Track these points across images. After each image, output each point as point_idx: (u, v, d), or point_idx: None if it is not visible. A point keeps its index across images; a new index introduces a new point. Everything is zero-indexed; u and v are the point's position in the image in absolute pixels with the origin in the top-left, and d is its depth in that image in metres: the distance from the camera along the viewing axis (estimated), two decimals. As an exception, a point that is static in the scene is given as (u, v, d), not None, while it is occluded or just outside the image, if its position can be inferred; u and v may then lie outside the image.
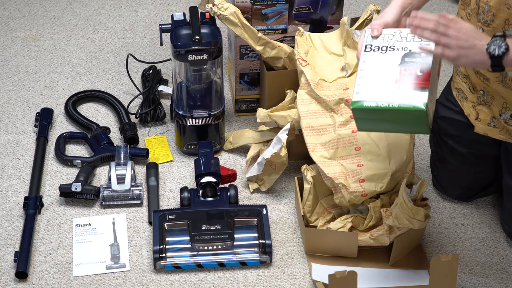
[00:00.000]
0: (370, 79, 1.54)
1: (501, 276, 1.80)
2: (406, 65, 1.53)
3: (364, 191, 1.77)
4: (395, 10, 1.65)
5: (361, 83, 1.54)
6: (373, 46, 1.58)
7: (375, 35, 1.59)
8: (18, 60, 2.47)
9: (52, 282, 1.76)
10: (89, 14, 2.71)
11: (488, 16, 1.62)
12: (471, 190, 1.97)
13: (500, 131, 1.78)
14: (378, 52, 1.57)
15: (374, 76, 1.54)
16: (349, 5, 2.75)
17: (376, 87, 1.53)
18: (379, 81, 1.53)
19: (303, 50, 1.94)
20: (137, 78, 2.38)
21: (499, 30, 1.61)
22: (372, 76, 1.55)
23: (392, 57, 1.56)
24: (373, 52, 1.57)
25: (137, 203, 1.96)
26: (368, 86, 1.53)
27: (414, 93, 1.50)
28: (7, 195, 1.98)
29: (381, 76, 1.54)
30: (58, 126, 2.21)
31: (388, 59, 1.55)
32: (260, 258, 1.79)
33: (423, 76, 1.51)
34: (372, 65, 1.56)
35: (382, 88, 1.52)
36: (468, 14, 1.68)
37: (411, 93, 1.50)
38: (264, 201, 1.98)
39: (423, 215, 1.70)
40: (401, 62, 1.54)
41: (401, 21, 1.67)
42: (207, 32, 1.96)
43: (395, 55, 1.55)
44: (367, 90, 1.53)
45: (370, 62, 1.56)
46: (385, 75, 1.54)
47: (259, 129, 2.09)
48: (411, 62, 1.53)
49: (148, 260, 1.82)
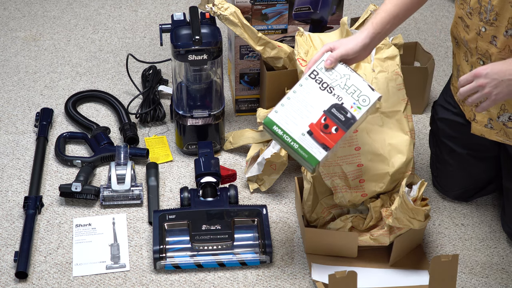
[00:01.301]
0: (293, 108, 1.59)
1: (501, 276, 1.80)
2: (328, 115, 1.58)
3: (364, 191, 1.77)
4: (360, 43, 1.63)
5: (284, 106, 1.59)
6: (317, 76, 1.61)
7: (327, 66, 1.61)
8: (18, 60, 2.47)
9: (52, 282, 1.76)
10: (89, 14, 2.71)
11: (491, 15, 1.62)
12: (470, 190, 1.97)
13: (498, 133, 1.77)
14: (318, 86, 1.60)
15: (298, 107, 1.59)
16: (349, 5, 2.75)
17: (292, 118, 1.58)
18: (298, 114, 1.58)
19: (303, 50, 1.94)
20: (137, 78, 2.38)
21: (503, 29, 1.61)
22: (297, 106, 1.59)
23: (324, 99, 1.59)
24: (314, 83, 1.60)
25: (137, 203, 1.96)
26: (287, 113, 1.58)
27: (315, 147, 1.56)
28: (7, 195, 1.98)
29: (303, 111, 1.58)
30: (58, 126, 2.21)
31: (320, 99, 1.59)
32: (260, 258, 1.79)
33: (334, 135, 1.57)
34: (304, 96, 1.60)
35: (296, 124, 1.58)
36: (469, 13, 1.68)
37: (314, 145, 1.56)
38: (264, 201, 1.98)
39: (423, 215, 1.70)
40: (327, 110, 1.58)
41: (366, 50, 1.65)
42: (207, 32, 1.96)
43: (327, 99, 1.59)
44: (284, 116, 1.58)
45: (305, 91, 1.60)
46: (307, 112, 1.58)
47: (259, 129, 2.09)
48: (334, 117, 1.58)
49: (148, 260, 1.82)
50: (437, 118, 1.92)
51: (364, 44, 1.63)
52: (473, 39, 1.68)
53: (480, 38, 1.66)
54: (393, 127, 1.80)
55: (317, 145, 1.56)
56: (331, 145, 1.56)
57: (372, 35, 1.64)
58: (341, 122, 1.57)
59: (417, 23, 2.71)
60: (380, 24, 1.65)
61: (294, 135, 1.57)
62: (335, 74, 1.61)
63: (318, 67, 1.62)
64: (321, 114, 1.58)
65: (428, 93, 2.28)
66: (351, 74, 1.61)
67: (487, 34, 1.64)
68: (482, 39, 1.66)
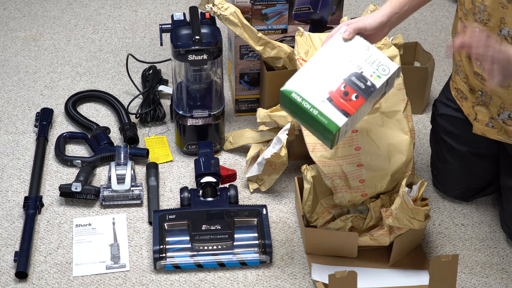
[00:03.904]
0: (312, 74, 1.55)
1: (501, 276, 1.80)
2: (348, 83, 1.54)
3: (364, 191, 1.77)
4: (378, 19, 1.62)
5: (302, 75, 1.56)
6: (336, 46, 1.59)
7: (345, 37, 1.59)
8: (18, 60, 2.47)
9: (52, 282, 1.76)
10: (89, 14, 2.71)
11: (484, 15, 1.62)
12: (471, 190, 1.97)
13: (498, 132, 1.78)
14: (336, 56, 1.58)
15: (317, 74, 1.55)
16: (349, 5, 2.75)
17: (311, 85, 1.54)
18: (317, 81, 1.55)
19: (303, 50, 1.94)
20: (137, 78, 2.38)
21: (496, 29, 1.61)
22: (315, 72, 1.56)
23: (343, 68, 1.56)
24: (332, 53, 1.58)
25: (137, 203, 1.96)
26: (306, 79, 1.55)
27: (336, 113, 1.52)
28: (7, 195, 1.98)
29: (322, 78, 1.55)
30: (58, 126, 2.21)
31: (339, 68, 1.56)
32: (260, 258, 1.79)
33: (355, 102, 1.53)
34: (322, 64, 1.57)
35: (315, 90, 1.54)
36: (465, 14, 1.68)
37: (334, 112, 1.52)
38: (264, 201, 1.98)
39: (423, 215, 1.70)
40: (347, 78, 1.55)
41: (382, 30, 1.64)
42: (207, 32, 1.96)
43: (346, 68, 1.56)
44: (302, 82, 1.55)
45: (323, 60, 1.57)
46: (326, 79, 1.55)
47: (259, 129, 2.09)
48: (354, 84, 1.54)
49: (148, 260, 1.82)
50: (437, 114, 1.92)
51: (382, 22, 1.61)
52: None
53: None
54: (393, 127, 1.80)
55: (338, 111, 1.51)
56: (352, 112, 1.52)
57: (389, 14, 1.62)
58: (361, 90, 1.53)
59: (417, 23, 2.71)
60: (398, 4, 1.63)
61: (314, 101, 1.52)
62: (353, 45, 1.58)
63: (336, 38, 1.59)
64: (341, 81, 1.54)
65: (428, 93, 2.28)
66: (369, 45, 1.58)
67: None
68: None
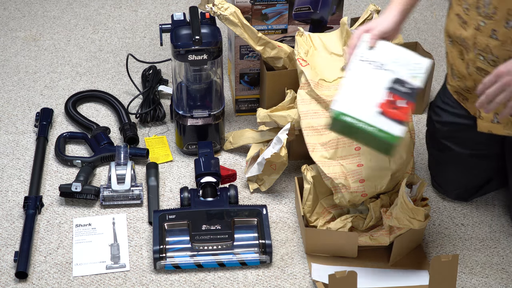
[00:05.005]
0: (355, 91, 1.54)
1: (501, 276, 1.80)
2: (392, 91, 1.54)
3: (364, 191, 1.77)
4: (393, 19, 1.65)
5: (346, 92, 1.55)
6: (364, 57, 1.58)
7: (372, 45, 1.60)
8: (18, 60, 2.47)
9: (52, 282, 1.76)
10: (89, 14, 2.71)
11: (490, 8, 1.61)
12: (470, 189, 1.97)
13: (505, 126, 1.76)
14: (371, 66, 1.57)
15: (360, 90, 1.55)
16: (349, 5, 2.75)
17: (357, 102, 1.53)
18: (361, 97, 1.54)
19: (303, 50, 1.94)
20: (137, 78, 2.38)
21: (503, 22, 1.60)
22: (358, 89, 1.55)
23: (380, 77, 1.55)
24: (363, 63, 1.57)
25: (137, 203, 1.96)
26: (349, 99, 1.54)
27: (392, 124, 1.51)
28: (7, 195, 1.98)
29: (365, 93, 1.54)
30: (58, 126, 2.21)
31: (378, 78, 1.56)
32: (260, 258, 1.79)
33: (405, 108, 1.53)
34: (359, 77, 1.56)
35: (363, 107, 1.53)
36: (466, 9, 1.68)
37: (389, 124, 1.51)
38: (264, 201, 1.98)
39: (423, 215, 1.70)
40: (388, 86, 1.54)
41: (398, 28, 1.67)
42: (207, 32, 1.96)
43: (384, 76, 1.55)
44: (348, 103, 1.53)
45: (358, 73, 1.56)
46: (371, 93, 1.54)
47: (259, 129, 2.09)
48: (398, 91, 1.54)
49: (148, 260, 1.82)
50: (435, 120, 1.91)
51: (397, 21, 1.66)
52: (471, 35, 1.68)
53: (479, 33, 1.66)
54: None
55: (393, 122, 1.51)
56: (406, 119, 1.51)
57: (402, 11, 1.67)
58: (407, 94, 1.53)
59: (417, 23, 2.71)
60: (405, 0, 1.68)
61: (367, 119, 1.51)
62: (380, 51, 1.58)
63: (363, 48, 1.59)
64: (384, 91, 1.54)
65: (428, 93, 2.28)
66: (395, 47, 1.59)
67: (487, 28, 1.64)
68: (481, 34, 1.65)
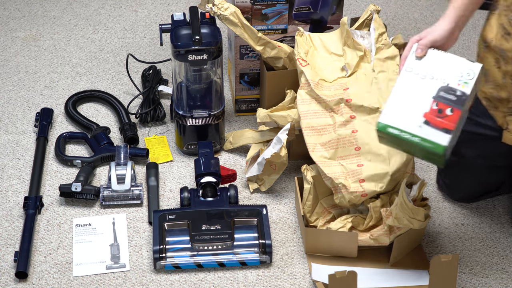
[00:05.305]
0: (401, 103, 1.55)
1: (501, 276, 1.80)
2: (439, 99, 1.53)
3: (364, 191, 1.77)
4: (447, 27, 1.60)
5: (392, 104, 1.56)
6: (414, 68, 1.58)
7: (419, 55, 1.58)
8: (18, 60, 2.47)
9: (52, 282, 1.76)
10: (89, 14, 2.71)
11: None
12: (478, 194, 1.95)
13: None
14: (417, 77, 1.57)
15: (406, 101, 1.55)
16: (349, 5, 2.75)
17: (403, 114, 1.54)
18: (408, 108, 1.54)
19: (303, 50, 1.94)
20: (137, 78, 2.38)
21: None
22: (404, 100, 1.55)
23: (428, 86, 1.55)
24: (413, 75, 1.57)
25: (137, 203, 1.96)
26: (397, 110, 1.55)
27: (437, 133, 1.51)
28: (7, 195, 1.98)
29: (411, 104, 1.55)
30: (58, 126, 2.21)
31: (424, 87, 1.55)
32: (260, 258, 1.79)
33: (452, 116, 1.52)
34: (407, 89, 1.56)
35: (409, 117, 1.54)
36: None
37: (435, 133, 1.51)
38: (264, 201, 1.98)
39: (423, 215, 1.70)
40: (436, 95, 1.54)
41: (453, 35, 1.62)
42: (207, 32, 1.96)
43: (432, 85, 1.55)
44: (394, 114, 1.55)
45: (407, 85, 1.57)
46: (416, 103, 1.54)
47: (259, 129, 2.09)
48: (444, 99, 1.53)
49: (148, 260, 1.82)
50: None
51: (450, 29, 1.60)
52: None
53: None
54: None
55: (438, 131, 1.51)
56: (452, 127, 1.51)
57: (456, 18, 1.60)
58: (454, 102, 1.52)
59: (417, 23, 2.71)
60: (462, 6, 1.61)
61: (411, 129, 1.53)
62: (429, 60, 1.57)
63: (410, 59, 1.59)
64: (431, 100, 1.53)
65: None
66: (445, 55, 1.57)
67: None
68: None
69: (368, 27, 2.00)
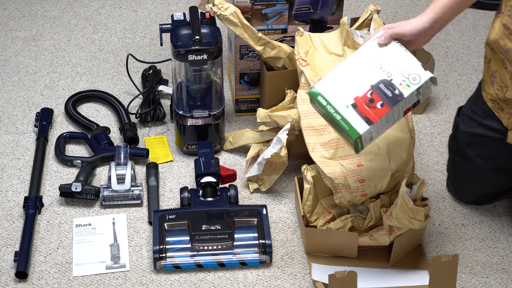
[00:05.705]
0: (341, 78, 1.57)
1: (501, 276, 1.80)
2: (375, 90, 1.55)
3: (364, 191, 1.77)
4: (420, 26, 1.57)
5: (332, 76, 1.58)
6: (370, 51, 1.58)
7: (380, 42, 1.58)
8: (18, 60, 2.47)
9: (52, 282, 1.76)
10: (89, 14, 2.71)
11: None
12: (490, 197, 1.95)
13: None
14: (368, 61, 1.58)
15: (346, 79, 1.57)
16: (349, 5, 2.75)
17: (338, 88, 1.56)
18: (345, 85, 1.56)
19: (303, 50, 1.94)
20: (137, 78, 2.38)
21: None
22: (344, 77, 1.57)
23: (373, 74, 1.56)
24: (365, 58, 1.58)
25: (137, 203, 1.96)
26: (334, 83, 1.57)
27: (358, 120, 1.53)
28: (7, 195, 1.98)
29: (349, 83, 1.56)
30: (58, 126, 2.21)
31: (369, 73, 1.56)
32: (260, 258, 1.79)
33: (379, 110, 1.53)
34: (353, 68, 1.58)
35: (341, 94, 1.56)
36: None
37: (356, 118, 1.53)
38: (264, 201, 1.98)
39: (423, 215, 1.70)
40: (375, 84, 1.55)
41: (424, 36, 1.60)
42: (207, 32, 1.96)
43: (376, 75, 1.56)
44: (330, 85, 1.57)
45: (355, 64, 1.58)
46: (354, 85, 1.56)
47: (259, 129, 2.09)
48: (381, 92, 1.54)
49: (148, 260, 1.82)
50: (462, 129, 1.86)
51: (424, 28, 1.57)
52: None
53: None
54: (393, 127, 1.80)
55: (360, 118, 1.53)
56: (375, 120, 1.52)
57: (432, 20, 1.57)
58: (388, 98, 1.53)
59: (417, 23, 2.71)
60: (442, 9, 1.58)
61: (338, 106, 1.54)
62: (387, 51, 1.57)
63: (371, 42, 1.59)
64: (368, 88, 1.54)
65: (428, 93, 2.27)
66: (404, 52, 1.57)
67: None
68: None
69: (368, 27, 2.00)
